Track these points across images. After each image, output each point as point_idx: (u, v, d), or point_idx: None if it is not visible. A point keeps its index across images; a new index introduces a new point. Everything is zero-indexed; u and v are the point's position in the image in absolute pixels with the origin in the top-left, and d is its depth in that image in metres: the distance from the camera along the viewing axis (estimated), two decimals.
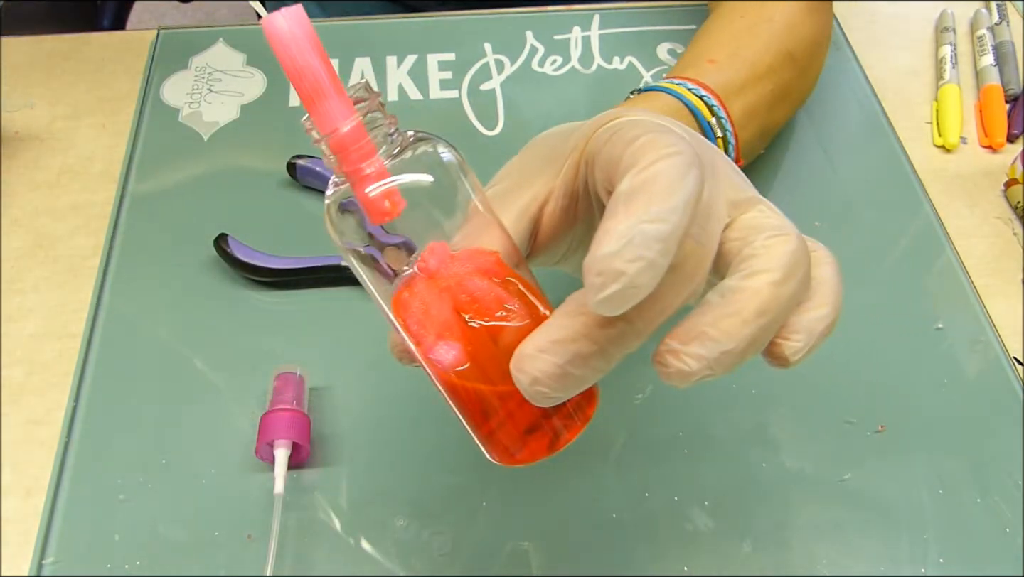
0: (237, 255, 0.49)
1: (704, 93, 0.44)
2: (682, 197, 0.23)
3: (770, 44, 0.50)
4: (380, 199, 0.24)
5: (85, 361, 0.47)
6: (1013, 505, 0.42)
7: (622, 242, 0.22)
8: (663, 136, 0.25)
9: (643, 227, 0.22)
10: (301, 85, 0.23)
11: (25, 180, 0.56)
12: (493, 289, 0.25)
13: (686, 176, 0.23)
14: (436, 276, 0.25)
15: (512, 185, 0.30)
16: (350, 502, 0.42)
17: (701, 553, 0.41)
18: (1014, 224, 0.54)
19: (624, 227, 0.22)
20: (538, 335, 0.24)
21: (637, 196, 0.23)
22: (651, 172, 0.23)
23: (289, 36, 0.22)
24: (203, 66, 0.63)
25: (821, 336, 0.28)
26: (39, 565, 0.40)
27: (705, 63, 0.48)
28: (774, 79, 0.50)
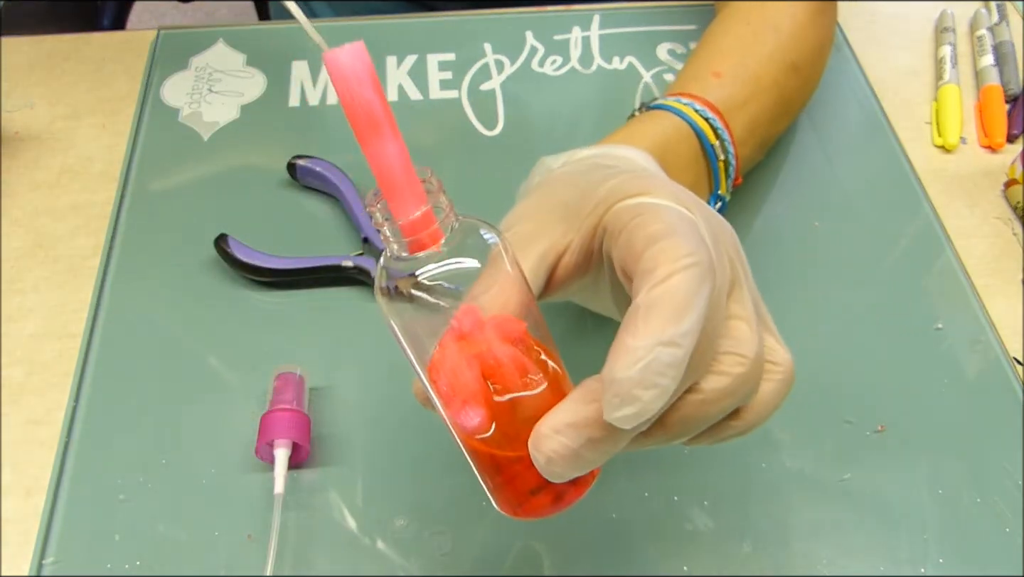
0: (237, 255, 0.49)
1: (710, 114, 0.45)
2: (695, 318, 0.25)
3: (774, 55, 0.50)
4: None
5: (85, 361, 0.47)
6: (1013, 505, 0.42)
7: (639, 366, 0.24)
8: (682, 241, 0.26)
9: (659, 352, 0.24)
10: (356, 120, 0.23)
11: (25, 180, 0.56)
12: (519, 359, 0.27)
13: (699, 293, 0.25)
14: (467, 339, 0.26)
15: (532, 230, 0.31)
16: (350, 502, 0.42)
17: (701, 553, 0.41)
18: (1014, 224, 0.54)
19: (641, 346, 0.24)
20: (555, 416, 0.26)
21: (653, 312, 0.25)
22: (667, 288, 0.25)
23: (350, 71, 0.23)
24: (203, 66, 0.63)
25: (724, 440, 0.30)
26: (39, 565, 0.40)
27: (710, 76, 0.48)
28: (777, 91, 0.50)
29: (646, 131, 0.42)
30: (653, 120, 0.44)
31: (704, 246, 0.26)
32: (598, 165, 0.35)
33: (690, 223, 0.27)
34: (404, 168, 0.25)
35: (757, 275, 0.51)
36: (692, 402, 0.28)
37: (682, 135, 0.43)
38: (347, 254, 0.50)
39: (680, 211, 0.28)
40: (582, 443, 0.26)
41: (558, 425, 0.26)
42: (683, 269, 0.25)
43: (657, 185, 0.29)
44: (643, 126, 0.43)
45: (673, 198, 0.29)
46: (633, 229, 0.27)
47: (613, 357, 0.25)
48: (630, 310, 0.25)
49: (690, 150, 0.44)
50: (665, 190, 0.29)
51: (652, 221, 0.27)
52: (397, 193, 0.25)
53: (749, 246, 0.52)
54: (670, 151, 0.42)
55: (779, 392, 0.30)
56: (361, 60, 0.23)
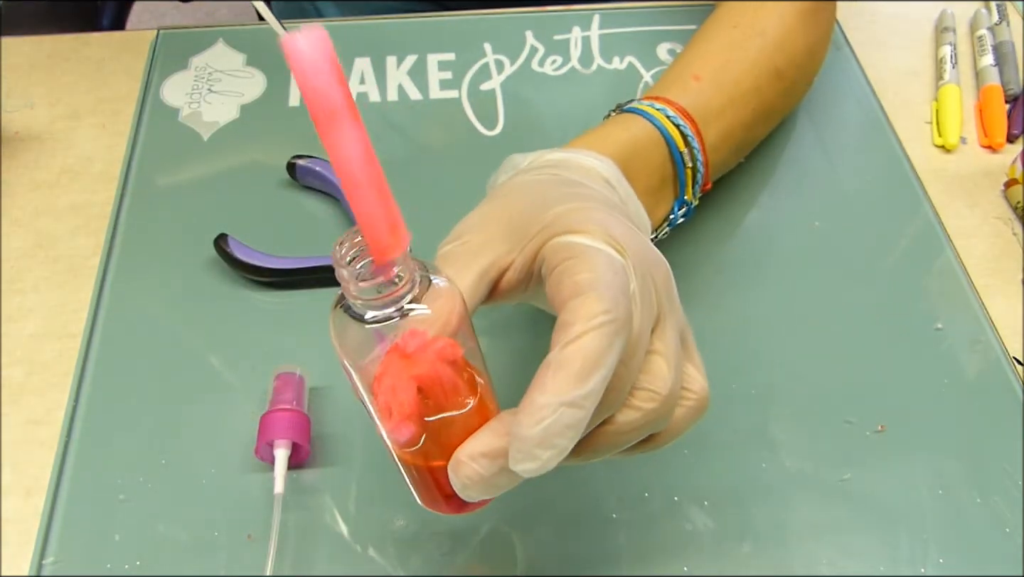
0: (237, 255, 0.49)
1: (681, 121, 0.45)
2: (599, 378, 0.27)
3: (758, 61, 0.50)
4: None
5: (85, 361, 0.47)
6: (1013, 505, 0.42)
7: (541, 426, 0.26)
8: (601, 296, 0.27)
9: (561, 412, 0.26)
10: (314, 109, 0.23)
11: (25, 180, 0.56)
12: (454, 382, 0.28)
13: (608, 352, 0.27)
14: (409, 358, 0.27)
15: (479, 244, 0.33)
16: (350, 502, 0.42)
17: (701, 553, 0.41)
18: (1014, 224, 0.54)
19: (546, 404, 0.26)
20: (471, 444, 0.29)
21: (561, 371, 0.26)
22: (578, 346, 0.27)
23: (308, 58, 0.22)
24: (203, 66, 0.63)
25: (632, 456, 0.33)
26: (39, 565, 0.40)
27: (690, 79, 0.48)
28: (758, 98, 0.50)
29: (616, 136, 0.43)
30: (624, 124, 0.44)
31: (623, 299, 0.28)
32: (556, 179, 0.36)
33: (616, 271, 0.29)
34: (366, 161, 0.24)
35: (757, 275, 0.51)
36: (605, 432, 0.30)
37: (651, 140, 0.44)
38: None
39: (610, 257, 0.29)
40: (494, 472, 0.28)
41: (474, 453, 0.28)
42: (596, 328, 0.27)
43: (597, 221, 0.31)
44: (614, 130, 0.44)
45: (607, 239, 0.30)
46: (562, 273, 0.29)
47: (521, 411, 0.27)
48: (542, 365, 0.27)
49: (658, 156, 0.44)
50: (602, 229, 0.30)
51: (580, 268, 0.29)
52: (357, 187, 0.24)
53: (749, 246, 0.53)
54: (637, 156, 0.42)
55: (689, 418, 0.33)
56: (321, 47, 0.22)
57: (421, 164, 0.57)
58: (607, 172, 0.39)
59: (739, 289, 0.51)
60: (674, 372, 0.30)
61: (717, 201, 0.54)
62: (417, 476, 0.32)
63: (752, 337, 0.49)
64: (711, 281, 0.51)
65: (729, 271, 0.52)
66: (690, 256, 0.51)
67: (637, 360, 0.29)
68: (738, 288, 0.51)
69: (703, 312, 0.49)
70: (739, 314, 0.50)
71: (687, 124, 0.45)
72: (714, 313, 0.50)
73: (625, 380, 0.29)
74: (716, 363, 0.47)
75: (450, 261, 0.32)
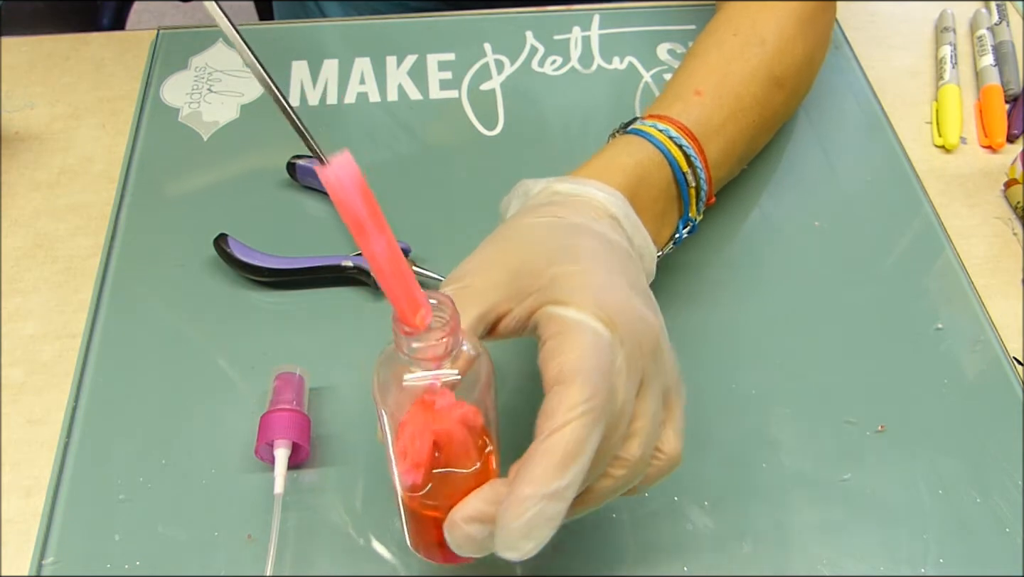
0: (237, 255, 0.49)
1: (684, 142, 0.46)
2: (578, 469, 0.29)
3: (758, 71, 0.50)
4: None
5: (85, 361, 0.47)
6: (1013, 505, 0.42)
7: (524, 519, 0.28)
8: (583, 384, 0.30)
9: (543, 506, 0.28)
10: (348, 222, 0.27)
11: (25, 180, 0.56)
12: (467, 445, 0.31)
13: (588, 440, 0.29)
14: (432, 413, 0.30)
15: (477, 289, 0.35)
16: (350, 502, 0.42)
17: (701, 553, 0.41)
18: (1014, 224, 0.54)
19: (529, 496, 0.28)
20: (464, 507, 0.31)
21: (544, 461, 0.29)
22: (560, 437, 0.29)
23: (339, 185, 0.27)
24: (203, 66, 0.63)
25: None
26: (39, 565, 0.40)
27: (692, 95, 0.48)
28: (759, 109, 0.50)
29: (623, 163, 0.44)
30: (629, 148, 0.45)
31: (604, 383, 0.30)
32: (560, 225, 0.37)
33: (601, 350, 0.31)
34: (390, 258, 0.28)
35: (757, 275, 0.51)
36: (583, 499, 0.33)
37: (656, 165, 0.44)
38: (347, 254, 0.50)
39: (596, 336, 0.31)
40: (484, 535, 0.31)
41: (466, 517, 0.31)
42: (578, 417, 0.29)
43: (590, 291, 0.33)
44: (620, 156, 0.44)
45: (597, 312, 0.32)
46: (550, 351, 0.31)
47: (506, 503, 0.29)
48: (527, 454, 0.29)
49: (663, 180, 0.45)
50: (593, 301, 0.32)
51: (566, 348, 0.31)
52: (383, 277, 0.28)
53: (749, 246, 0.53)
54: (643, 184, 0.43)
55: (655, 476, 0.35)
56: (350, 175, 0.26)
57: (421, 164, 0.57)
58: (615, 208, 0.40)
59: (739, 289, 0.51)
60: (644, 443, 0.33)
61: (718, 202, 0.53)
62: (413, 521, 0.36)
63: (752, 337, 0.49)
64: (711, 281, 0.51)
65: (729, 271, 0.52)
66: (691, 256, 0.51)
67: (620, 432, 0.32)
68: (738, 288, 0.51)
69: (703, 312, 0.49)
70: (739, 314, 0.50)
71: (690, 144, 0.46)
72: (714, 313, 0.50)
73: (607, 453, 0.31)
74: (716, 363, 0.47)
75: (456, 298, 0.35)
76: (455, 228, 0.53)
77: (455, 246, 0.39)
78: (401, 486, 0.34)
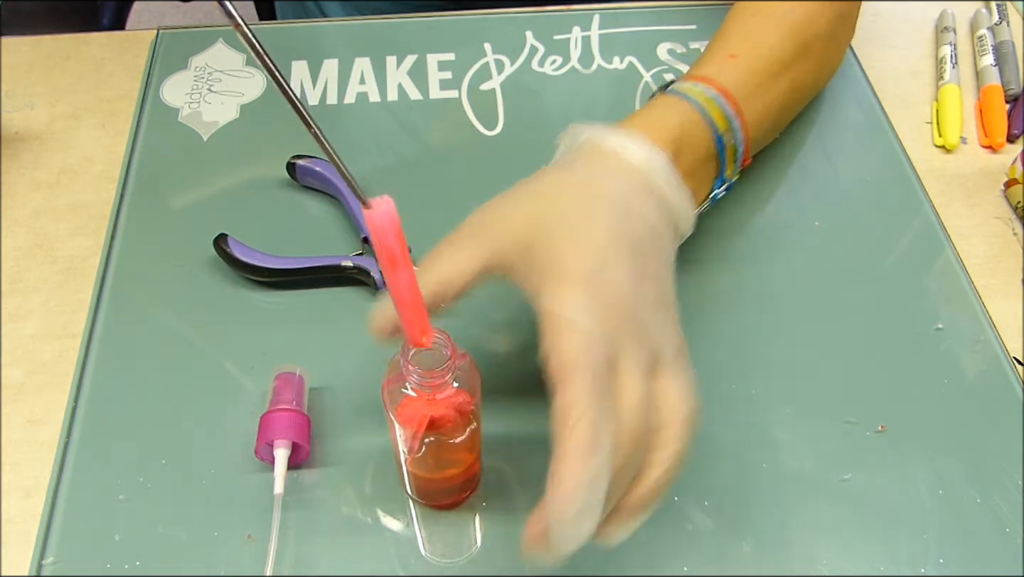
0: (237, 255, 0.49)
1: (722, 101, 0.47)
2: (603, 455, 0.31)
3: (786, 37, 0.51)
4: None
5: (85, 361, 0.47)
6: (1013, 505, 0.42)
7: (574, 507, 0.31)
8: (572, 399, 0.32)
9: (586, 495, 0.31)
10: (380, 256, 0.32)
11: (25, 180, 0.56)
12: (455, 423, 0.36)
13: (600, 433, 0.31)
14: (430, 400, 0.36)
15: (493, 232, 0.38)
16: (350, 502, 0.42)
17: (701, 553, 0.41)
18: (1014, 224, 0.54)
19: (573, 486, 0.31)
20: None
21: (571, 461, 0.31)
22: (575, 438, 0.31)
23: (380, 225, 0.31)
24: (203, 66, 0.63)
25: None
26: (39, 565, 0.40)
27: (727, 58, 0.50)
28: (790, 75, 0.51)
29: (668, 121, 0.45)
30: (670, 108, 0.46)
31: (599, 381, 0.32)
32: (583, 194, 0.39)
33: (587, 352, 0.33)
34: (411, 290, 0.33)
35: (758, 275, 0.51)
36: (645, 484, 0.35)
37: (696, 124, 0.46)
38: (347, 254, 0.50)
39: (583, 333, 0.33)
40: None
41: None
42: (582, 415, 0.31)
43: (585, 282, 0.34)
44: (663, 114, 0.45)
45: (588, 307, 0.34)
46: (547, 349, 0.33)
47: (552, 500, 0.31)
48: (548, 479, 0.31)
49: (703, 139, 0.46)
50: (586, 294, 0.34)
51: (559, 348, 0.33)
52: (403, 306, 0.34)
53: (750, 246, 0.53)
54: (685, 141, 0.44)
55: (674, 444, 0.35)
56: (388, 217, 0.31)
57: (421, 164, 0.57)
58: (656, 168, 0.41)
59: (740, 289, 0.51)
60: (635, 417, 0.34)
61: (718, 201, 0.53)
62: (413, 479, 0.41)
63: (752, 337, 0.49)
64: (712, 281, 0.51)
65: (730, 271, 0.52)
66: (691, 255, 0.51)
67: (639, 419, 0.33)
68: (739, 288, 0.51)
69: (703, 312, 0.49)
70: (740, 314, 0.50)
71: (728, 104, 0.47)
72: (714, 312, 0.50)
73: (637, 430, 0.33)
74: (716, 363, 0.47)
75: (470, 235, 0.39)
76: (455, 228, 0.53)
77: None
78: (406, 453, 0.39)
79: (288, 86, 0.30)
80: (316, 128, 0.30)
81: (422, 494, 0.42)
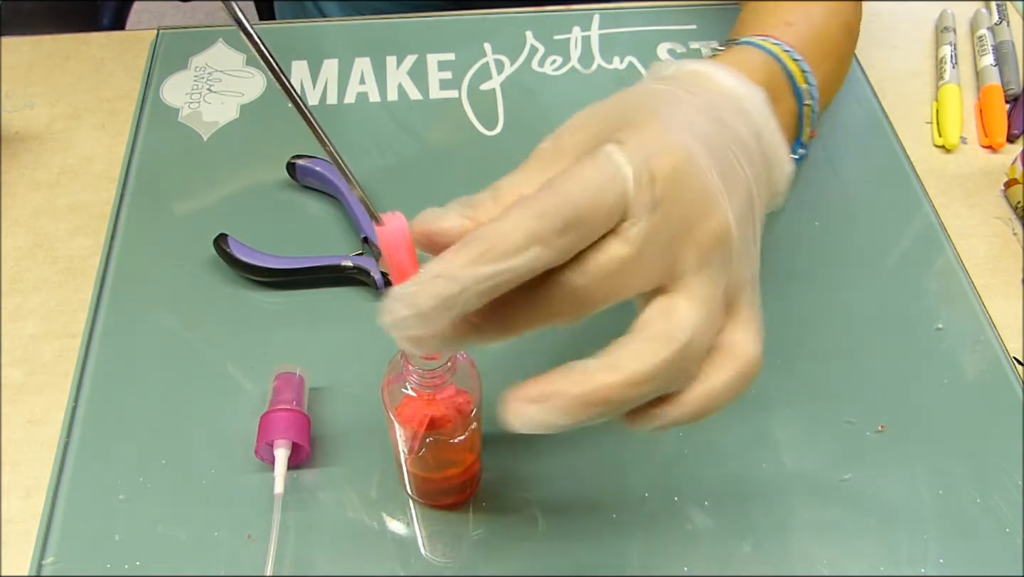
0: (237, 255, 0.49)
1: (798, 56, 0.42)
2: (481, 261, 0.27)
3: (832, 13, 0.48)
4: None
5: (85, 361, 0.47)
6: (1013, 505, 0.42)
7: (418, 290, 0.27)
8: (534, 200, 0.28)
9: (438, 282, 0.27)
10: (391, 269, 0.31)
11: (25, 180, 0.56)
12: (455, 423, 0.37)
13: (503, 240, 0.27)
14: (430, 400, 0.36)
15: (571, 144, 0.34)
16: (350, 502, 0.42)
17: (701, 553, 0.41)
18: (1014, 224, 0.54)
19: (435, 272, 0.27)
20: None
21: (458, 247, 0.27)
22: (484, 230, 0.27)
23: (391, 240, 0.30)
24: (203, 66, 0.63)
25: (673, 424, 0.31)
26: (39, 565, 0.40)
27: (783, 25, 0.45)
28: (838, 51, 0.48)
29: (754, 64, 0.41)
30: (752, 56, 0.42)
31: (562, 211, 0.27)
32: (667, 92, 0.34)
33: (602, 181, 0.28)
34: None
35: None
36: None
37: (780, 76, 0.42)
38: (347, 254, 0.50)
39: (615, 169, 0.29)
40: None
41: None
42: (512, 214, 0.28)
43: (656, 132, 0.30)
44: (749, 59, 0.41)
45: (643, 162, 0.29)
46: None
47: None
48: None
49: (784, 91, 0.42)
50: (643, 147, 0.30)
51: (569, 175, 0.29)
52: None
53: None
54: (772, 89, 0.39)
55: (730, 384, 0.31)
56: (400, 233, 0.30)
57: (421, 164, 0.57)
58: (754, 103, 0.35)
59: None
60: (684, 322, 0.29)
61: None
62: (412, 478, 0.41)
63: None
64: None
65: None
66: None
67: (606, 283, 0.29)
68: None
69: None
70: None
71: (804, 60, 0.42)
72: None
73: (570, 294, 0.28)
74: None
75: (544, 157, 0.34)
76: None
77: None
78: (406, 453, 0.39)
79: (298, 96, 0.29)
80: (331, 148, 0.29)
81: (422, 494, 0.42)
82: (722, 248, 0.30)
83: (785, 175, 0.36)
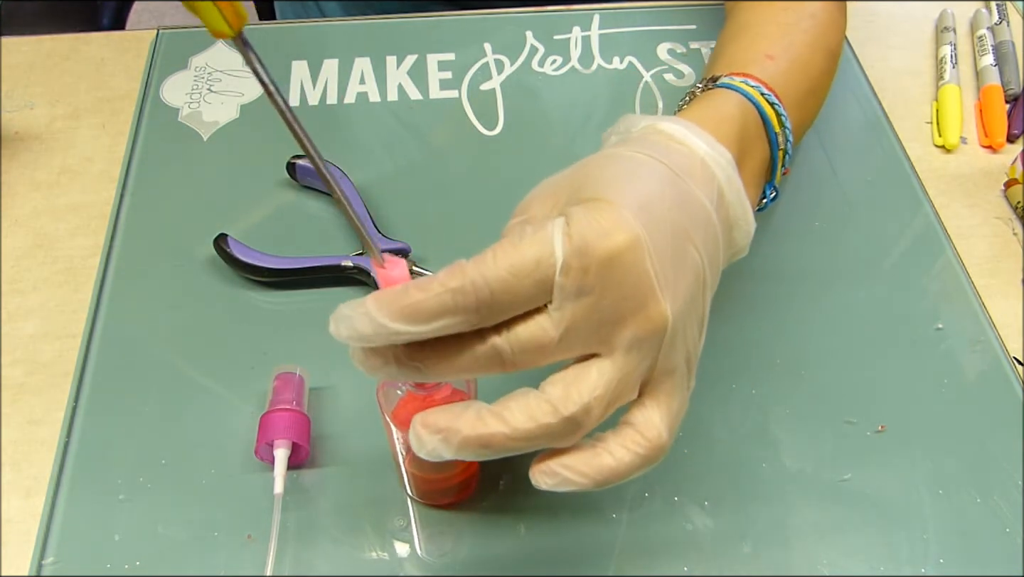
0: (237, 255, 0.49)
1: (775, 100, 0.43)
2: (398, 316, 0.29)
3: (817, 41, 0.49)
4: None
5: (85, 361, 0.47)
6: (1013, 505, 0.42)
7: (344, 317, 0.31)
8: (453, 270, 0.29)
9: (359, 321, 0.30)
10: None
11: (25, 180, 0.56)
12: None
13: (424, 300, 0.29)
14: (425, 400, 0.35)
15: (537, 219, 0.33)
16: (350, 502, 0.42)
17: (701, 553, 0.41)
18: (1014, 224, 0.54)
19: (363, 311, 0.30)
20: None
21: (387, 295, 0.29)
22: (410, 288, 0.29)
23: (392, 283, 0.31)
24: (203, 66, 0.63)
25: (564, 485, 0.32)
26: (39, 565, 0.40)
27: (764, 59, 0.46)
28: (821, 80, 0.49)
29: (731, 114, 0.41)
30: (727, 102, 0.42)
31: (479, 283, 0.29)
32: (633, 160, 0.34)
33: (525, 247, 0.29)
34: None
35: (758, 274, 0.51)
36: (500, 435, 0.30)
37: (755, 123, 0.42)
38: (347, 254, 0.50)
39: (541, 242, 0.30)
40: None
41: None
42: (435, 285, 0.29)
43: (603, 208, 0.31)
44: (725, 107, 0.42)
45: (575, 236, 0.30)
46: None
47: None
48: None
49: (760, 138, 0.42)
50: (579, 225, 0.30)
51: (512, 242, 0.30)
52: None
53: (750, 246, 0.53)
54: (746, 140, 0.41)
55: (632, 464, 0.31)
56: (402, 275, 0.31)
57: (421, 164, 0.57)
58: (718, 169, 0.36)
59: (739, 289, 0.51)
60: (571, 393, 0.30)
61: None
62: (411, 478, 0.42)
63: (752, 337, 0.49)
64: None
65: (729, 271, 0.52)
66: None
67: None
68: (739, 288, 0.51)
69: None
70: (739, 314, 0.50)
71: (780, 103, 0.43)
72: (714, 313, 0.49)
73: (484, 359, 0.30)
74: (716, 363, 0.47)
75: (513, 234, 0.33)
76: (455, 228, 0.53)
77: (455, 246, 0.39)
78: (403, 449, 0.39)
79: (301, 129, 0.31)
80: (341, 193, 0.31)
81: (421, 494, 0.42)
82: (654, 338, 0.31)
83: (746, 235, 0.38)
